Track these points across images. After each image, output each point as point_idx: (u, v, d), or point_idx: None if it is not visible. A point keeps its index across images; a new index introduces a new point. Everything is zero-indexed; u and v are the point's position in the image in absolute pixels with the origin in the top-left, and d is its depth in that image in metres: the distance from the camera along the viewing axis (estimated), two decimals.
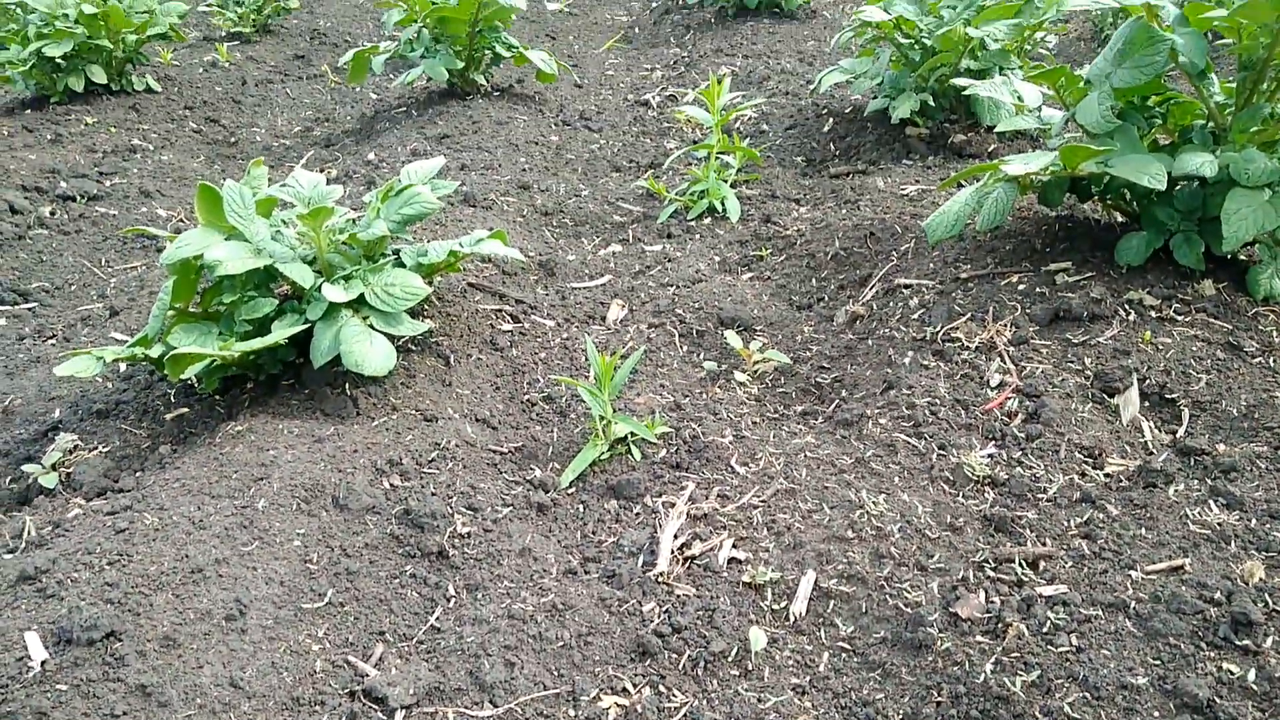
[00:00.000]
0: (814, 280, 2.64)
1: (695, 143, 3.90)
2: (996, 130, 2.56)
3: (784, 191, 3.16)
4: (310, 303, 1.94)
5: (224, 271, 1.84)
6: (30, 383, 2.37)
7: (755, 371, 2.22)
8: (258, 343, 1.80)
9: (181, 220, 3.43)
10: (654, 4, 7.26)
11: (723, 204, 3.01)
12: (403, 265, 2.03)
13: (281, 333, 1.82)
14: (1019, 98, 2.40)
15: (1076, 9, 2.59)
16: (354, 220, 2.14)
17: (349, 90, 5.31)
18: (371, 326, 1.90)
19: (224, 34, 6.22)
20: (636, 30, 6.58)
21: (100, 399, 2.12)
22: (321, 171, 3.76)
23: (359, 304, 1.92)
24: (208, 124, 4.45)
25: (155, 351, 1.85)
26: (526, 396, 2.12)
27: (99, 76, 4.26)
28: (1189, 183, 2.05)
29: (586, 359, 2.30)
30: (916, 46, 3.20)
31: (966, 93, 2.58)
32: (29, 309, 2.82)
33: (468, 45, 4.11)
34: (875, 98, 3.40)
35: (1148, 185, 1.84)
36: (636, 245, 2.93)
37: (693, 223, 3.01)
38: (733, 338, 2.26)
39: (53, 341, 2.66)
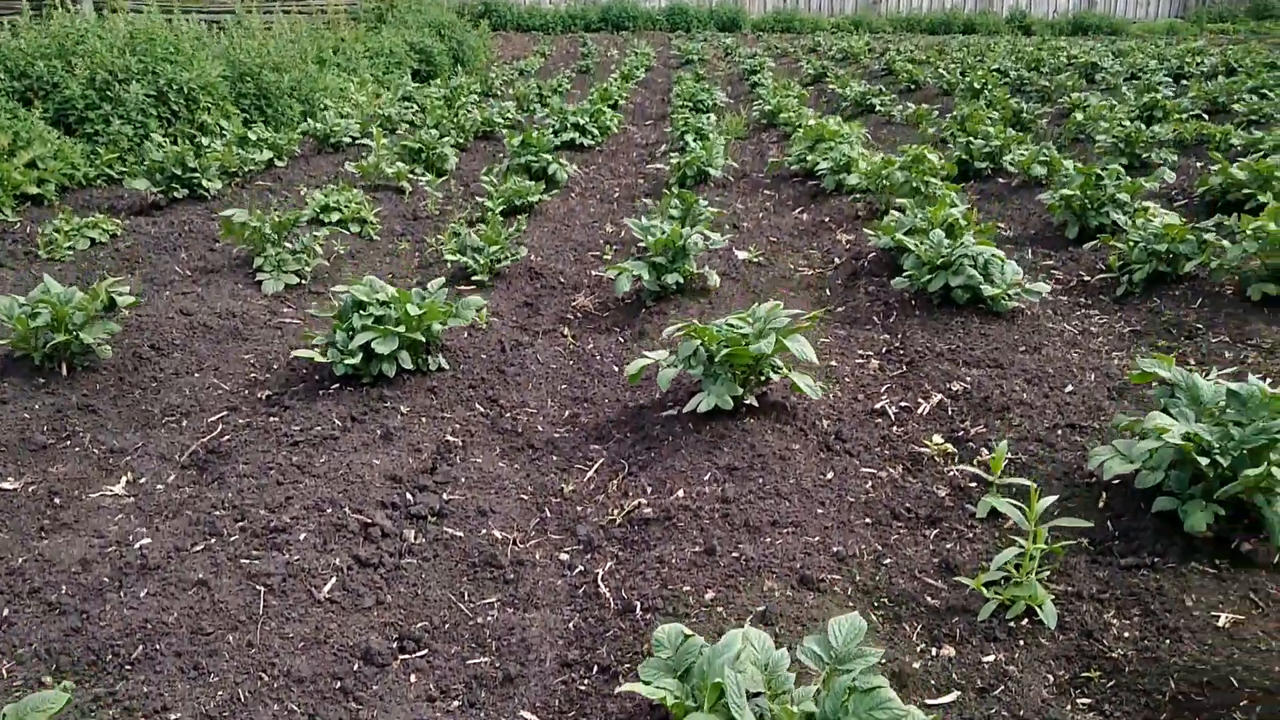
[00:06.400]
0: None
1: (957, 488, 4.23)
2: None
3: (1086, 589, 3.44)
4: None
5: None
6: None
7: None
8: None
9: (514, 545, 3.81)
10: (836, 260, 7.77)
11: (1040, 608, 3.30)
12: None
13: None
14: None
15: None
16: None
17: (592, 359, 5.79)
18: None
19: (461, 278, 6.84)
20: (828, 293, 7.05)
21: None
22: (624, 495, 4.15)
23: None
24: (488, 404, 4.92)
25: None
26: None
27: (407, 363, 4.78)
28: None
29: None
30: (1210, 466, 3.52)
31: None
32: (423, 658, 3.17)
33: (747, 372, 4.55)
34: (1158, 494, 3.71)
35: None
36: (966, 649, 3.21)
37: (1011, 624, 3.30)
38: None
39: (458, 704, 3.00)
